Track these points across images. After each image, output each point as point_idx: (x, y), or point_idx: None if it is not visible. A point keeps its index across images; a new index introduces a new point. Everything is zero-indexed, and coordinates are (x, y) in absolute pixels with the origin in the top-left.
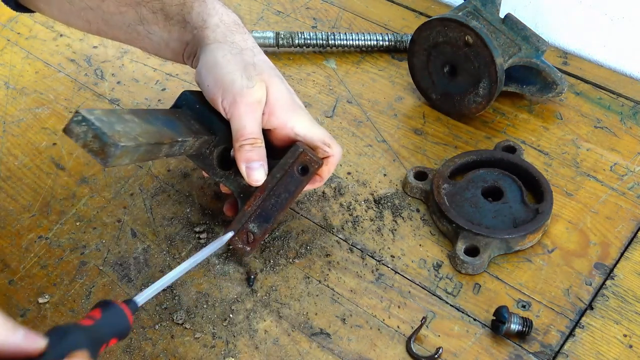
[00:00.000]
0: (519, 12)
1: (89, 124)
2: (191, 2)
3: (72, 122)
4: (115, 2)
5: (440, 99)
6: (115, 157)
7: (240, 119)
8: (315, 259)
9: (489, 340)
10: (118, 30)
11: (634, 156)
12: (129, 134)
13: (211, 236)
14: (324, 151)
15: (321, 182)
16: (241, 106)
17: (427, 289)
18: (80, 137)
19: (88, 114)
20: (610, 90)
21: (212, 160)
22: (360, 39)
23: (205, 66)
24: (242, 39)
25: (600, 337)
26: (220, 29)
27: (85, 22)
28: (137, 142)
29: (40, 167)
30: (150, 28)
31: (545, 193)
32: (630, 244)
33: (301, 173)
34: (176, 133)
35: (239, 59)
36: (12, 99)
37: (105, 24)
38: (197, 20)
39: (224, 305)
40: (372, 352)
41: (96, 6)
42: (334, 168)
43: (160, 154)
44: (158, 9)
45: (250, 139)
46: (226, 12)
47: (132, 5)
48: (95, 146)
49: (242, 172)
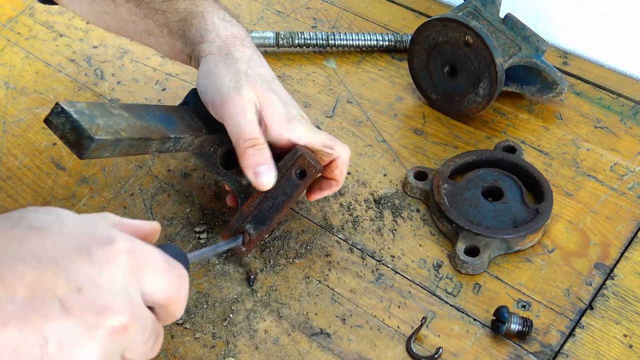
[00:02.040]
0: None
1: (67, 115)
2: (191, 18)
3: (51, 113)
4: (128, 11)
5: (440, 99)
6: (90, 149)
7: (231, 119)
8: (315, 259)
9: (489, 340)
10: (134, 35)
11: (634, 156)
12: (110, 127)
13: (211, 236)
14: (327, 154)
15: (338, 186)
16: (229, 107)
17: (427, 289)
18: (58, 129)
19: (68, 107)
20: (610, 90)
21: (215, 158)
22: (360, 39)
23: (201, 75)
24: (239, 51)
25: (600, 337)
26: (216, 43)
27: (104, 24)
28: (116, 137)
29: (40, 167)
30: (158, 39)
31: (545, 193)
32: (630, 244)
33: (299, 177)
34: (170, 130)
35: (232, 67)
36: (12, 99)
37: (122, 29)
38: (195, 36)
39: (224, 305)
40: (372, 352)
41: (112, 12)
42: (345, 168)
43: (150, 149)
44: (162, 23)
45: (250, 140)
46: (225, 26)
47: (141, 16)
48: (72, 138)
49: (250, 180)
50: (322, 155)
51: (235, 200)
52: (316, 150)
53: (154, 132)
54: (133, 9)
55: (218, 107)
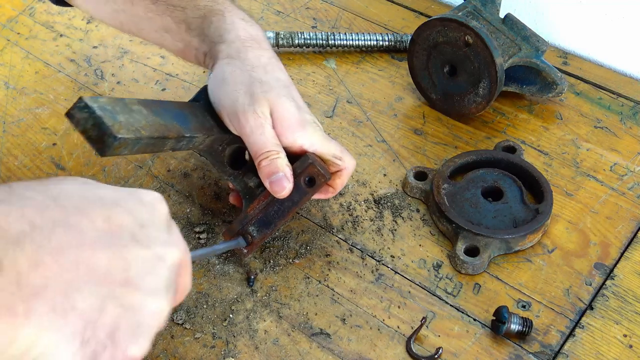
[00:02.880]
0: (519, 12)
1: (91, 111)
2: (211, 16)
3: (74, 107)
4: (144, 8)
5: (440, 99)
6: (112, 147)
7: (249, 137)
8: (315, 259)
9: (489, 340)
10: (147, 33)
11: (634, 156)
12: (131, 125)
13: (211, 236)
14: (335, 164)
15: (333, 193)
16: (246, 127)
17: (427, 289)
18: (80, 124)
19: (91, 102)
20: (610, 90)
21: (223, 157)
22: (360, 39)
23: (213, 80)
24: (256, 55)
25: (600, 337)
26: (235, 44)
27: (119, 23)
28: (137, 135)
29: (40, 167)
30: (174, 36)
31: (545, 193)
32: (630, 244)
33: (308, 184)
34: (185, 128)
35: (247, 75)
36: (12, 99)
37: (136, 27)
38: (214, 35)
39: (224, 305)
40: (372, 352)
41: (127, 9)
42: (346, 180)
43: (165, 147)
44: (181, 19)
45: (264, 153)
46: (244, 27)
47: (158, 12)
48: (94, 135)
49: (268, 189)
50: (330, 165)
51: (238, 199)
52: (325, 160)
53: (171, 130)
54: (150, 6)
55: (235, 124)
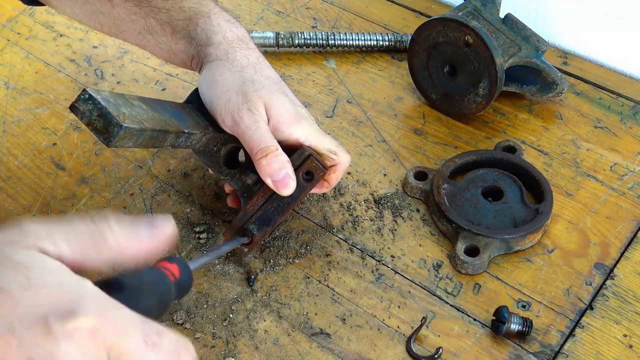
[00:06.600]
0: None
1: (95, 102)
2: (196, 18)
3: (78, 99)
4: (126, 10)
5: (440, 99)
6: (118, 137)
7: (244, 134)
8: (315, 259)
9: (489, 340)
10: (129, 35)
11: (634, 156)
12: (134, 117)
13: (211, 236)
14: (330, 159)
15: (328, 188)
16: (241, 126)
17: (427, 289)
18: (85, 115)
19: (95, 93)
20: (610, 90)
21: (219, 157)
22: (360, 39)
23: (204, 82)
24: (244, 55)
25: (600, 337)
26: (222, 46)
27: (98, 24)
28: (141, 126)
29: (40, 167)
30: (158, 38)
31: (545, 193)
32: (630, 244)
33: (306, 179)
34: (183, 125)
35: (237, 76)
36: (12, 99)
37: (117, 29)
38: (201, 37)
39: (224, 305)
40: (372, 352)
41: (108, 12)
42: (341, 175)
43: (166, 142)
44: (165, 21)
45: (261, 150)
46: (230, 28)
47: (142, 15)
48: (100, 125)
49: (273, 188)
50: (325, 159)
51: (236, 201)
52: (320, 154)
53: (170, 125)
54: (132, 8)
55: (229, 123)
